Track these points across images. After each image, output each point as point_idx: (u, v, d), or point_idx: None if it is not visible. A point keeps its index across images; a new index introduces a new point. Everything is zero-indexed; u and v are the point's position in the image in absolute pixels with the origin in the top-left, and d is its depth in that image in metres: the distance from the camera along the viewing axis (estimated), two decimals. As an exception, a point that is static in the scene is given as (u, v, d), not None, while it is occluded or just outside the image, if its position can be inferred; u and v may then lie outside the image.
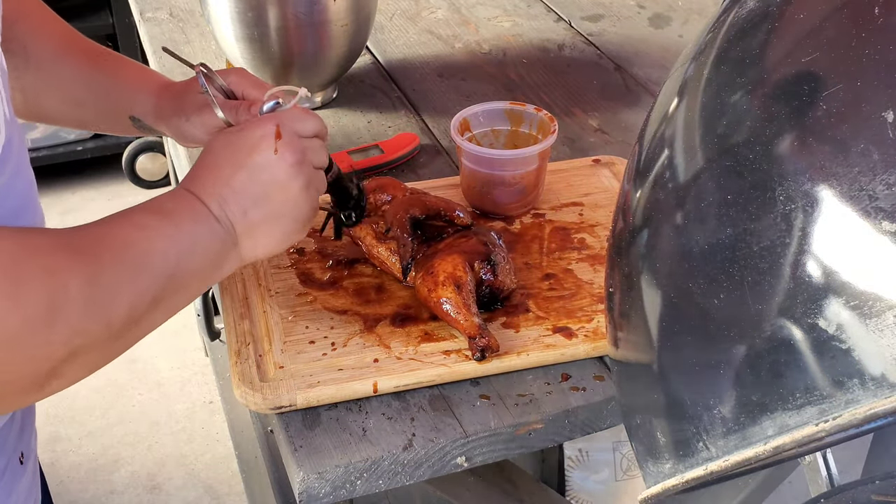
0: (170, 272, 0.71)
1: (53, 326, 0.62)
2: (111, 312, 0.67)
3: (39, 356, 0.62)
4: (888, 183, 0.48)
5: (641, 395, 0.65)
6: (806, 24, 0.57)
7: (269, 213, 0.78)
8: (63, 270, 0.63)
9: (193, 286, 0.75)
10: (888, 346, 0.47)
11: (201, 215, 0.76)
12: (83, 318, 0.64)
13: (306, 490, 0.80)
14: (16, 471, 0.82)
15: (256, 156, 0.78)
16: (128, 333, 0.70)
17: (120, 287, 0.67)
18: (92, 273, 0.65)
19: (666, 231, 0.61)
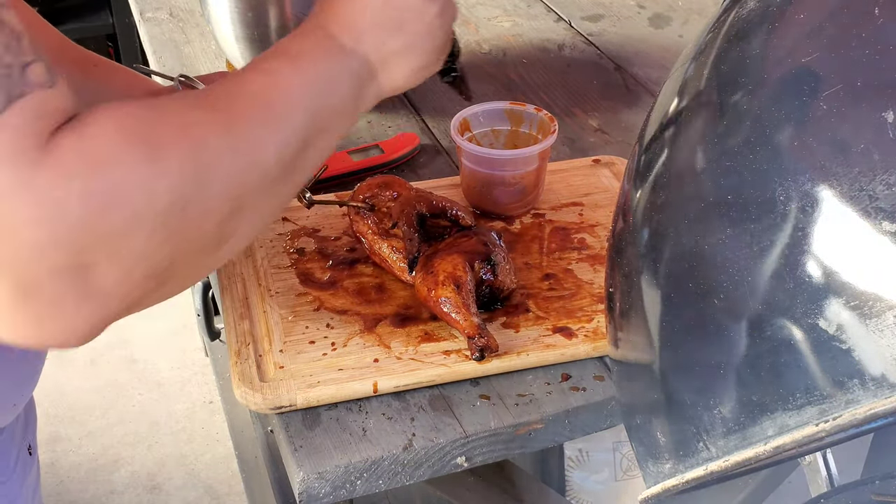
0: (310, 116, 0.68)
1: (206, 182, 0.59)
2: (260, 161, 0.64)
3: (200, 214, 0.59)
4: (888, 183, 0.48)
5: (641, 395, 0.65)
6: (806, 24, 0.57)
7: (405, 42, 0.76)
8: (198, 125, 0.60)
9: (336, 125, 0.72)
10: (888, 346, 0.47)
11: (335, 54, 0.73)
12: (234, 169, 0.61)
13: (306, 490, 0.80)
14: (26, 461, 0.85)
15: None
16: (286, 181, 0.67)
17: (261, 134, 0.64)
18: (228, 124, 0.62)
19: (666, 231, 0.61)
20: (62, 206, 0.51)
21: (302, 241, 1.04)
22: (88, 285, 0.54)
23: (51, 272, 0.52)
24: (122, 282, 0.55)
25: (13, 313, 0.53)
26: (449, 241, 0.96)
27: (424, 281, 0.92)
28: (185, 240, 0.59)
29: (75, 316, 0.55)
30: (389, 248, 0.97)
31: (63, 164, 0.52)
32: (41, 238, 0.51)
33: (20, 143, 0.51)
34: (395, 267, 0.97)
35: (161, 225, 0.56)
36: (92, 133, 0.54)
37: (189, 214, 0.58)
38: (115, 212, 0.54)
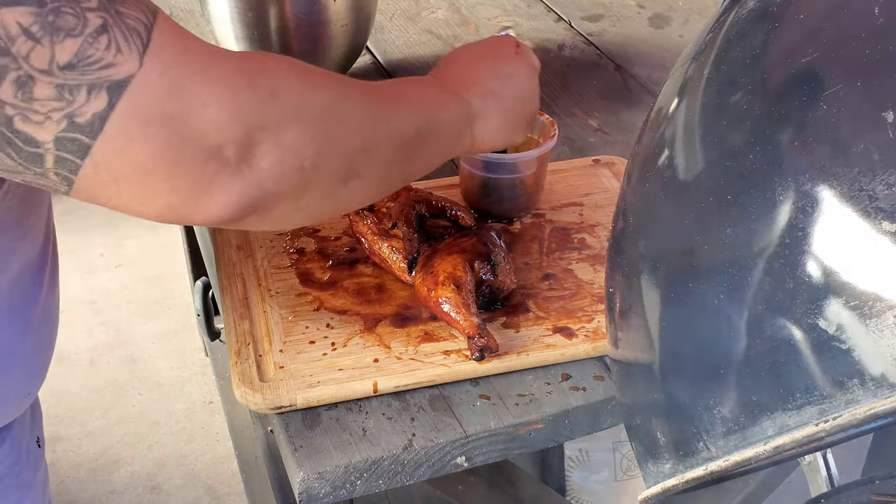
0: (426, 117, 0.81)
1: (344, 113, 0.71)
2: (386, 126, 0.76)
3: (338, 134, 0.71)
4: (888, 183, 0.48)
5: (641, 395, 0.65)
6: (806, 24, 0.57)
7: (503, 104, 0.88)
8: (343, 83, 0.74)
9: (441, 142, 0.84)
10: (888, 346, 0.47)
11: (447, 90, 0.86)
12: (365, 119, 0.73)
13: (306, 490, 0.80)
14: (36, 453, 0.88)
15: (499, 53, 0.91)
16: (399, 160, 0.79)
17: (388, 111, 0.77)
18: (364, 94, 0.75)
19: (666, 231, 0.61)
20: (237, 91, 0.63)
21: (302, 241, 1.04)
22: (252, 161, 0.64)
23: (227, 143, 0.63)
24: (277, 164, 0.66)
25: (191, 180, 0.63)
26: (449, 241, 0.96)
27: (424, 281, 0.92)
28: (327, 149, 0.69)
29: (236, 184, 0.65)
30: (389, 249, 0.97)
31: (230, 61, 0.64)
32: (222, 115, 0.62)
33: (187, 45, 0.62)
34: (394, 267, 0.97)
35: (310, 126, 0.68)
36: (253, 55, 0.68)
37: (331, 128, 0.70)
38: (276, 104, 0.65)
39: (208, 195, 0.64)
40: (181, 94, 0.60)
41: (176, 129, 0.61)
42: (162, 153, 0.61)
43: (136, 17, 0.60)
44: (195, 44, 0.63)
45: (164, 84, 0.60)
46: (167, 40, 0.61)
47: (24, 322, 0.80)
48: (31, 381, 0.85)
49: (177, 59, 0.61)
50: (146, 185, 0.62)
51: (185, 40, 0.62)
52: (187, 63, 0.61)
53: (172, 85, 0.60)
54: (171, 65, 0.60)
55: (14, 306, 0.78)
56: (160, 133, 0.60)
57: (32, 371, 0.85)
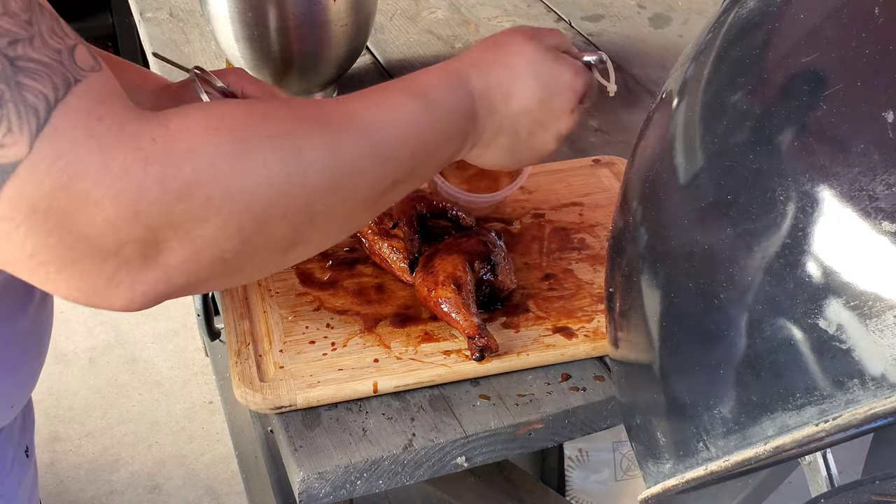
0: (412, 162, 0.70)
1: (291, 189, 0.61)
2: (352, 186, 0.65)
3: (278, 217, 0.61)
4: (888, 183, 0.48)
5: (641, 395, 0.65)
6: (806, 24, 0.57)
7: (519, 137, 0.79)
8: (302, 136, 0.62)
9: (427, 173, 0.75)
10: (888, 346, 0.47)
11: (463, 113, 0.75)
12: (323, 186, 0.63)
13: (306, 490, 0.80)
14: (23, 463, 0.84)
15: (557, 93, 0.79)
16: (368, 209, 0.70)
17: (361, 163, 0.66)
18: (333, 146, 0.63)
19: (666, 231, 0.61)
20: (141, 188, 0.54)
21: (302, 241, 1.04)
22: (158, 258, 0.57)
23: (125, 243, 0.56)
24: (189, 261, 0.58)
25: (87, 276, 0.56)
26: (449, 241, 0.96)
27: (424, 281, 0.92)
28: (257, 238, 0.60)
29: (139, 283, 0.58)
30: (389, 248, 0.97)
31: (142, 149, 0.55)
32: (120, 214, 0.54)
33: (93, 127, 0.54)
34: (395, 267, 0.97)
35: (235, 219, 0.58)
36: (178, 125, 0.57)
37: (265, 215, 0.60)
38: (191, 199, 0.56)
39: (108, 291, 0.57)
40: (72, 188, 0.53)
41: (66, 225, 0.54)
42: (51, 247, 0.55)
43: (38, 92, 0.53)
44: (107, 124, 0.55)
45: (53, 174, 0.53)
46: (69, 121, 0.53)
47: (9, 334, 0.78)
48: (16, 391, 0.82)
49: (73, 145, 0.53)
50: (39, 273, 0.56)
51: (94, 119, 0.54)
52: (85, 151, 0.53)
53: (62, 177, 0.53)
54: (65, 153, 0.53)
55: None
56: (47, 226, 0.54)
57: (20, 381, 0.82)
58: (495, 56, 0.78)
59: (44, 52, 0.54)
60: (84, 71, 0.55)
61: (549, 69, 0.79)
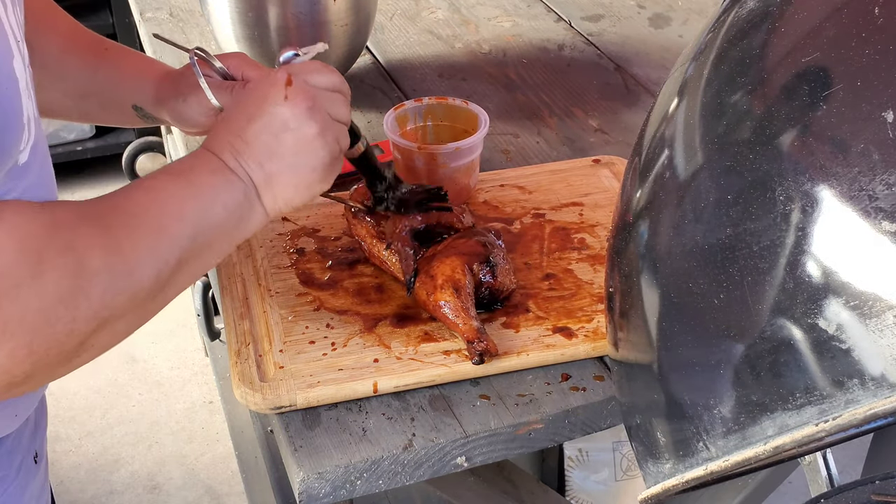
0: (190, 232, 0.70)
1: (78, 303, 0.62)
2: (136, 282, 0.66)
3: (65, 333, 0.63)
4: (888, 183, 0.48)
5: (641, 395, 0.65)
6: (806, 24, 0.57)
7: (284, 162, 0.77)
8: (84, 246, 0.63)
9: (218, 244, 0.74)
10: (888, 346, 0.47)
11: (218, 170, 0.75)
12: (108, 292, 0.64)
13: (306, 490, 0.80)
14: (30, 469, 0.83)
15: (266, 105, 0.77)
16: (156, 298, 0.70)
17: (141, 255, 0.67)
18: (111, 244, 0.65)
19: (666, 231, 0.61)
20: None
21: (302, 241, 1.04)
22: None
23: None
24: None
25: None
26: (447, 243, 0.96)
27: (423, 285, 0.92)
28: (47, 356, 0.62)
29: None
30: (389, 252, 0.97)
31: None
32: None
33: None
34: (395, 268, 0.97)
35: (27, 342, 0.60)
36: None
37: (55, 332, 0.61)
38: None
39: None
40: None
41: None
42: None
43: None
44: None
45: None
46: None
47: None
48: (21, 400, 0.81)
49: None
50: None
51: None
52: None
53: None
54: None
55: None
56: None
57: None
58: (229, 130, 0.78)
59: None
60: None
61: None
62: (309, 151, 0.77)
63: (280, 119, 0.76)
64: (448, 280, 0.90)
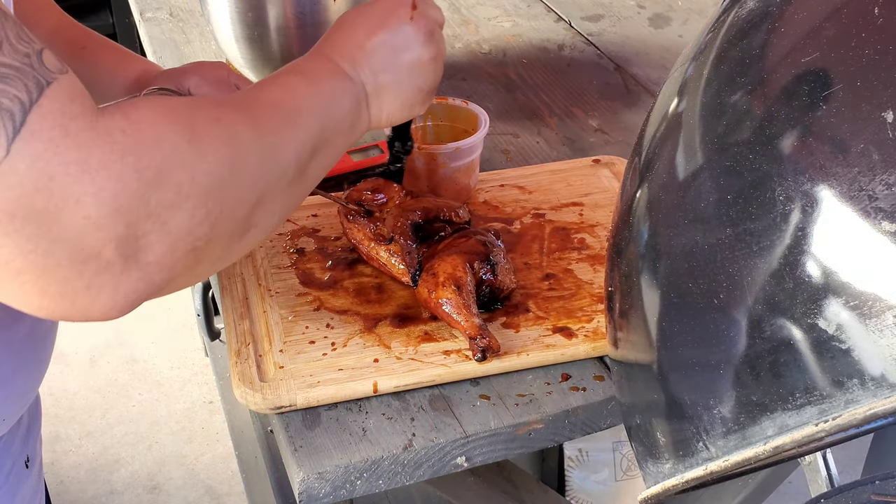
0: (319, 124, 0.73)
1: (238, 169, 0.63)
2: (282, 159, 0.69)
3: (234, 198, 0.63)
4: (888, 183, 0.48)
5: (641, 395, 0.65)
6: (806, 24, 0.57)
7: (398, 77, 0.81)
8: (232, 121, 0.65)
9: (336, 142, 0.77)
10: (888, 346, 0.47)
11: (337, 73, 0.78)
12: (261, 164, 0.66)
13: (306, 490, 0.80)
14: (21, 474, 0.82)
15: (392, 20, 0.81)
16: (298, 183, 0.72)
17: (282, 138, 0.69)
18: (255, 125, 0.67)
19: (666, 231, 0.61)
20: (119, 181, 0.55)
21: (302, 241, 1.04)
22: (138, 255, 0.57)
23: (107, 242, 0.55)
24: (167, 254, 0.59)
25: (65, 283, 0.56)
26: (448, 242, 0.96)
27: (425, 282, 0.92)
28: (221, 220, 0.62)
29: (121, 285, 0.58)
30: (388, 253, 0.97)
31: (116, 142, 0.56)
32: (101, 211, 0.55)
33: (68, 126, 0.54)
34: (394, 270, 0.97)
35: (202, 202, 0.60)
36: (138, 117, 0.58)
37: (224, 196, 0.62)
38: (164, 186, 0.57)
39: (87, 299, 0.57)
40: (52, 187, 0.53)
41: (45, 226, 0.54)
42: (28, 253, 0.54)
43: (13, 96, 0.53)
44: (81, 122, 0.55)
45: (32, 175, 0.53)
46: (46, 122, 0.53)
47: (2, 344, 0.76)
48: (8, 405, 0.80)
49: (51, 145, 0.53)
50: (11, 285, 0.55)
51: (68, 118, 0.54)
52: (63, 150, 0.54)
53: (42, 176, 0.53)
54: (43, 153, 0.53)
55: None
56: (25, 230, 0.53)
57: (11, 395, 0.80)
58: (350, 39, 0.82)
59: (13, 56, 0.54)
60: (53, 73, 0.55)
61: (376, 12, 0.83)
62: (421, 72, 0.83)
63: (403, 37, 0.81)
64: (450, 277, 0.90)
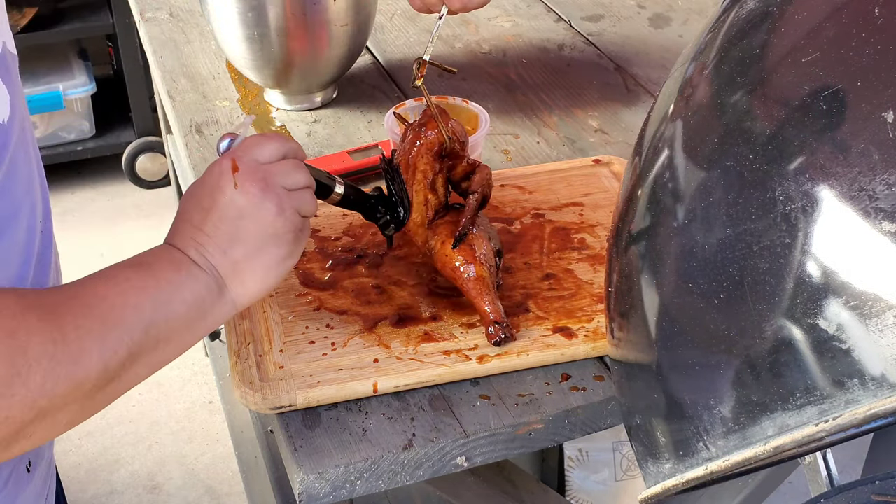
0: (145, 325, 0.69)
1: (13, 390, 0.61)
2: (80, 372, 0.65)
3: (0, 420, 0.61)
4: (888, 183, 0.48)
5: (641, 395, 0.65)
6: (806, 24, 0.57)
7: (248, 248, 0.76)
8: (24, 332, 0.62)
9: (177, 338, 0.73)
10: (888, 346, 0.47)
11: (182, 263, 0.74)
12: (47, 380, 0.62)
13: (306, 490, 0.80)
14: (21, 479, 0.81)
15: (219, 195, 0.76)
16: (106, 389, 0.68)
17: (87, 345, 0.65)
18: (56, 332, 0.63)
19: (666, 231, 0.61)
20: None
21: (302, 241, 1.04)
22: None
23: None
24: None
25: None
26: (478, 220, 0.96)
27: (460, 251, 0.92)
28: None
29: None
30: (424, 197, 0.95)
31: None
32: None
33: None
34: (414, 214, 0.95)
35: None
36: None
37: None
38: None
39: None
40: None
41: None
42: None
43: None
44: None
45: None
46: None
47: None
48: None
49: None
50: None
51: None
52: None
53: None
54: None
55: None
56: None
57: None
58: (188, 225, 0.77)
59: None
60: None
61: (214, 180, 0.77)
62: (271, 233, 0.77)
63: (235, 208, 0.76)
64: (485, 256, 0.91)
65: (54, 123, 2.72)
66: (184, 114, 1.31)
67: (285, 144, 0.81)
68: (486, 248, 0.92)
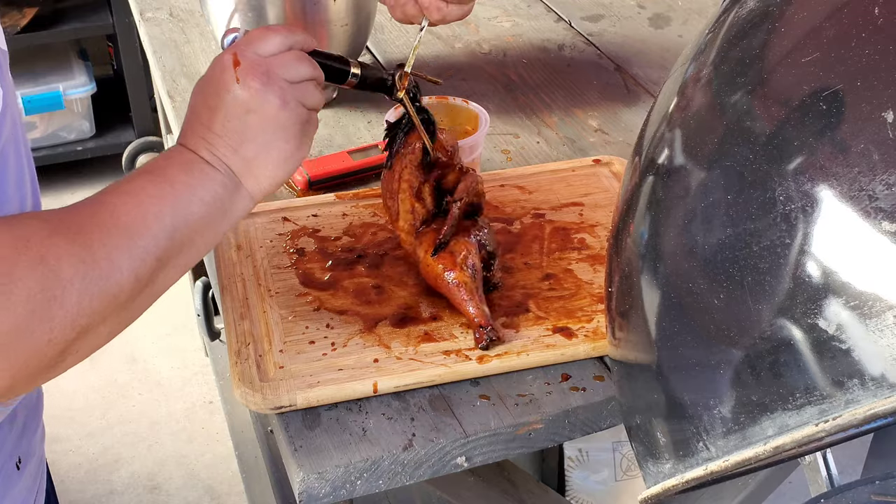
0: (168, 231, 0.70)
1: (52, 315, 0.62)
2: (113, 286, 0.66)
3: (44, 343, 0.63)
4: (888, 183, 0.48)
5: (641, 395, 0.65)
6: (806, 24, 0.57)
7: (258, 143, 0.76)
8: (54, 257, 0.63)
9: (200, 239, 0.74)
10: (888, 346, 0.47)
11: (194, 164, 0.75)
12: (83, 299, 0.64)
13: (306, 490, 0.80)
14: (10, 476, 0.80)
15: (223, 92, 0.76)
16: (140, 297, 0.70)
17: (116, 259, 0.67)
18: (84, 252, 0.65)
19: (666, 231, 0.61)
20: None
21: (302, 241, 1.04)
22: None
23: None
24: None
25: None
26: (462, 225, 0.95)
27: (440, 258, 0.91)
28: (27, 365, 0.62)
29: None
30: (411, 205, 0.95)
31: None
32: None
33: None
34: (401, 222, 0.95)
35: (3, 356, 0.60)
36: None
37: (32, 344, 0.62)
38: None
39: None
40: None
41: None
42: None
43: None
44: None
45: None
46: None
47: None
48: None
49: None
50: None
51: None
52: None
53: None
54: None
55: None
56: None
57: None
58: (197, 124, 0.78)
59: None
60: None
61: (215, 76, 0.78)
62: (277, 126, 0.77)
63: (239, 103, 0.75)
64: (466, 260, 0.91)
65: (54, 123, 2.72)
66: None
67: (290, 36, 0.80)
68: (466, 252, 0.92)
